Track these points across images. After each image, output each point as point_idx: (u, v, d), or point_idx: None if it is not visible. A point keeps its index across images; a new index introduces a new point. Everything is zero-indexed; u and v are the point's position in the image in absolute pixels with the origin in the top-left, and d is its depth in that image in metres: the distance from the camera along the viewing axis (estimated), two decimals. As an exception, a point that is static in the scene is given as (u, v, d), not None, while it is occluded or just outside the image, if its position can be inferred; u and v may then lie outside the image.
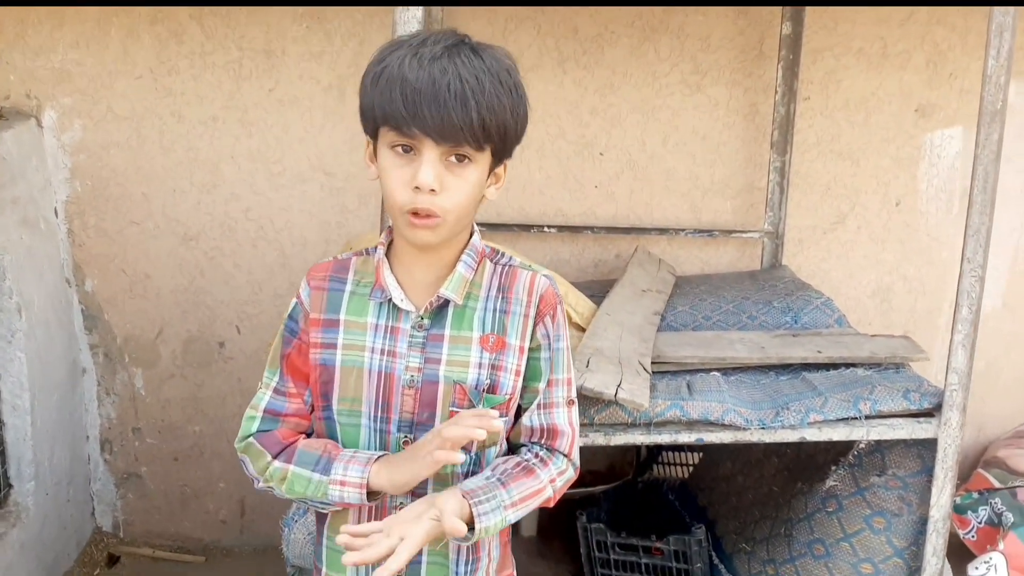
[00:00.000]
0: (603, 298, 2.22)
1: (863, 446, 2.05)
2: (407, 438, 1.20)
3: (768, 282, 2.47)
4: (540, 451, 1.26)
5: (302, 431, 1.24)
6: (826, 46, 2.61)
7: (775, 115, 2.56)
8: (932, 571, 1.90)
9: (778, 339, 2.11)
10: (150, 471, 2.67)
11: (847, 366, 2.01)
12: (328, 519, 1.26)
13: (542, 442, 1.26)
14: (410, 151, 1.10)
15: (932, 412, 1.86)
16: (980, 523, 2.45)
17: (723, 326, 2.22)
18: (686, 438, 1.80)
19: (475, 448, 1.22)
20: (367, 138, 1.18)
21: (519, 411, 1.26)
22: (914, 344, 2.09)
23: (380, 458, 1.17)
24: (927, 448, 1.93)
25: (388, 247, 1.23)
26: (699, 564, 2.25)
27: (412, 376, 1.19)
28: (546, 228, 2.62)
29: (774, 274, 2.57)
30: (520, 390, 1.23)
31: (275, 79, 2.46)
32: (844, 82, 2.65)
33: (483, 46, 1.12)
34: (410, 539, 1.05)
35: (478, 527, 1.12)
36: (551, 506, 1.28)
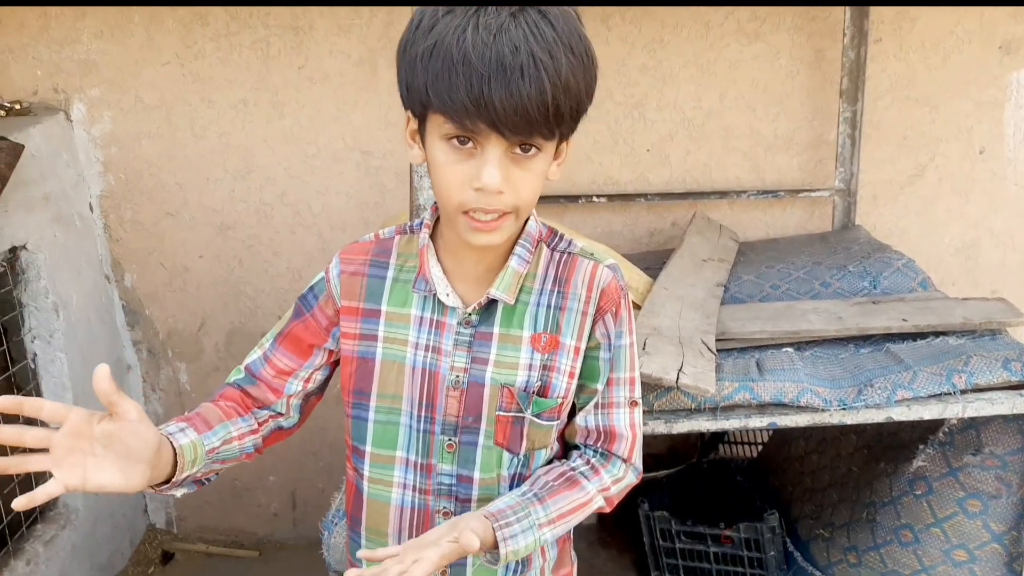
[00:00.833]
0: (660, 271, 2.08)
1: (955, 423, 1.88)
2: (451, 441, 1.10)
3: (841, 244, 2.29)
4: (594, 456, 1.14)
5: (267, 404, 1.15)
6: (898, -20, 2.39)
7: (844, 60, 2.35)
8: (1037, 559, 1.72)
9: (856, 307, 1.93)
10: (201, 466, 2.64)
11: (936, 335, 1.83)
12: (365, 515, 1.17)
13: (597, 445, 1.15)
14: (468, 142, 0.94)
15: (1037, 384, 1.66)
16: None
17: (794, 295, 2.05)
18: (757, 423, 1.65)
19: (523, 449, 1.11)
20: (408, 114, 1.01)
21: (573, 409, 1.14)
22: (1011, 306, 1.88)
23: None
24: (1030, 424, 1.75)
25: (434, 228, 1.10)
26: (772, 552, 2.11)
27: (457, 376, 1.09)
28: (595, 198, 2.46)
29: (847, 235, 2.37)
30: (575, 390, 1.11)
31: (304, 56, 2.35)
32: (919, 20, 2.43)
33: (546, 6, 0.93)
34: (424, 562, 0.94)
35: (503, 551, 1.02)
36: (607, 512, 1.16)
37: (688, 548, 2.20)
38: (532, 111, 0.89)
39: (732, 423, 1.65)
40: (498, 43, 0.88)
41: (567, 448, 1.19)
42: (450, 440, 1.10)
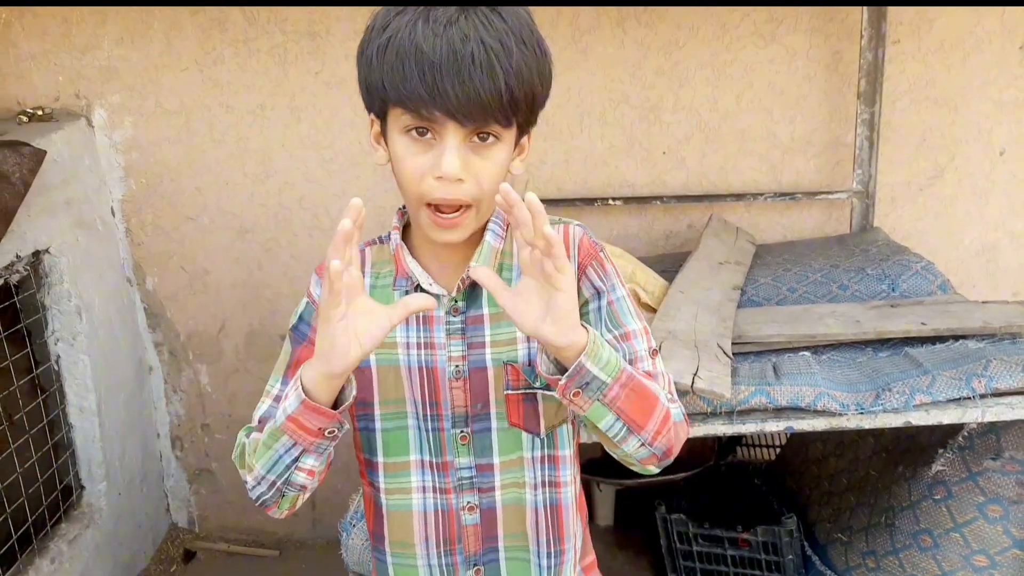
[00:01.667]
0: (676, 273, 2.06)
1: (974, 427, 1.86)
2: (463, 433, 1.10)
3: (859, 247, 2.26)
4: None
5: None
6: (917, -19, 2.37)
7: (862, 62, 2.33)
8: (1060, 565, 1.70)
9: (875, 311, 1.92)
10: (221, 466, 2.67)
11: (956, 338, 1.80)
12: (387, 530, 1.16)
13: None
14: (427, 133, 0.97)
15: (1058, 388, 1.64)
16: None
17: (811, 299, 2.04)
18: (774, 427, 1.64)
19: (543, 428, 1.10)
20: (371, 117, 1.05)
21: None
22: (1032, 310, 1.86)
23: None
24: (1051, 428, 1.73)
25: (404, 230, 1.12)
26: (791, 556, 2.10)
27: (457, 366, 1.09)
28: (611, 200, 2.46)
29: (866, 238, 2.35)
30: None
31: (321, 61, 2.37)
32: (938, 21, 2.40)
33: (498, 6, 0.96)
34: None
35: (591, 336, 0.92)
36: (666, 455, 1.07)
37: (705, 551, 2.19)
38: (485, 96, 0.92)
39: (748, 427, 1.64)
40: (448, 34, 0.92)
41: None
42: (462, 432, 1.10)
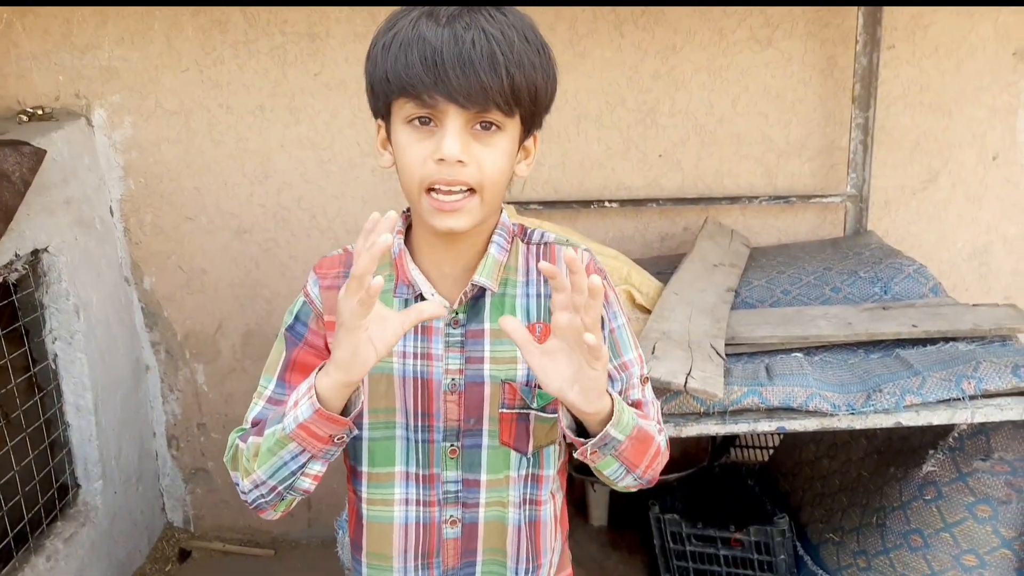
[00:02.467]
0: (670, 275, 2.08)
1: (964, 428, 1.87)
2: (453, 447, 1.09)
3: (853, 250, 2.29)
4: None
5: None
6: (911, -13, 2.39)
7: (856, 67, 2.35)
8: (1048, 565, 1.72)
9: (866, 313, 1.94)
10: (217, 466, 2.68)
11: (946, 340, 1.82)
12: (365, 541, 1.14)
13: None
14: (429, 123, 0.98)
15: (1047, 390, 1.66)
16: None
17: (804, 301, 2.06)
18: (766, 427, 1.66)
19: (531, 448, 1.10)
20: (378, 123, 1.06)
21: None
22: (1021, 313, 1.88)
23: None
24: (1040, 430, 1.74)
25: (406, 234, 1.11)
26: (783, 556, 2.12)
27: (453, 380, 1.08)
28: (607, 203, 2.48)
29: (859, 241, 2.37)
30: None
31: (320, 63, 2.38)
32: (932, 27, 2.42)
33: (500, 4, 0.99)
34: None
35: (618, 405, 0.98)
36: (650, 482, 1.13)
37: (698, 551, 2.20)
38: (485, 79, 0.93)
39: (741, 427, 1.66)
40: (451, 25, 0.94)
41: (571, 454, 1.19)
42: (452, 445, 1.09)
